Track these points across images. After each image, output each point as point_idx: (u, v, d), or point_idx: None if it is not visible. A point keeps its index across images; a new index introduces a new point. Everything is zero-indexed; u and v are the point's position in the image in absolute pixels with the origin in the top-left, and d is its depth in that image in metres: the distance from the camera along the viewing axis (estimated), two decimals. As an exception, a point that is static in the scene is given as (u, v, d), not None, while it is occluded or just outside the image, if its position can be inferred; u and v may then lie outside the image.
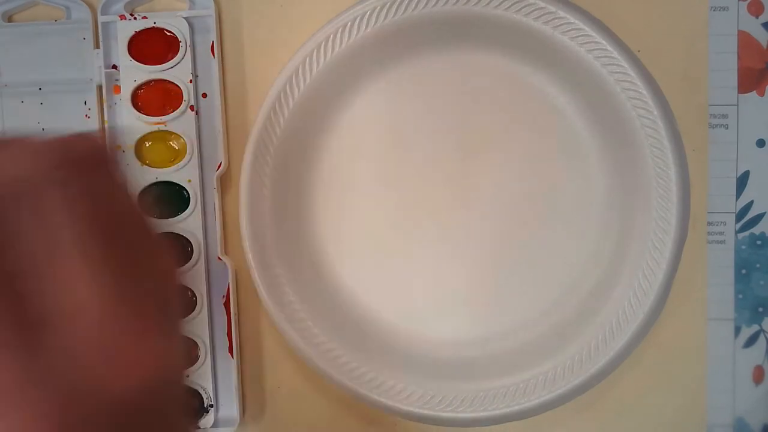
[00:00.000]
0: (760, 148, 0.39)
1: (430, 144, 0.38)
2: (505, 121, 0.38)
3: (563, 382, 0.36)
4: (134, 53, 0.37)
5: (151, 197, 0.38)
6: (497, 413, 0.36)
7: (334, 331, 0.37)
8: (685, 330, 0.39)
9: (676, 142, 0.35)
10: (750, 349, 0.39)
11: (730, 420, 0.39)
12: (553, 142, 0.38)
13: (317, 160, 0.38)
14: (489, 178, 0.38)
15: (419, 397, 0.36)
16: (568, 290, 0.38)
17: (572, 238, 0.38)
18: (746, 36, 0.39)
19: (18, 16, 0.39)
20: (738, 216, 0.39)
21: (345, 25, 0.35)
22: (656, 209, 0.35)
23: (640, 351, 0.37)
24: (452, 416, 0.36)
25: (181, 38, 0.37)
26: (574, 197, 0.38)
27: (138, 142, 0.38)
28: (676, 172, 0.35)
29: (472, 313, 0.38)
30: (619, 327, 0.36)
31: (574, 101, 0.37)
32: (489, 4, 0.35)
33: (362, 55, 0.36)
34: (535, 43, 0.36)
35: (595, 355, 0.36)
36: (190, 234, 0.38)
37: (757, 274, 0.39)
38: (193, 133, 0.38)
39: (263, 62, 0.39)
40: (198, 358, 0.38)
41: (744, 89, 0.39)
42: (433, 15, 0.35)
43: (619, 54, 0.34)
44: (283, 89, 0.36)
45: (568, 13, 0.34)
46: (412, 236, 0.38)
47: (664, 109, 0.35)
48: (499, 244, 0.38)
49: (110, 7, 0.38)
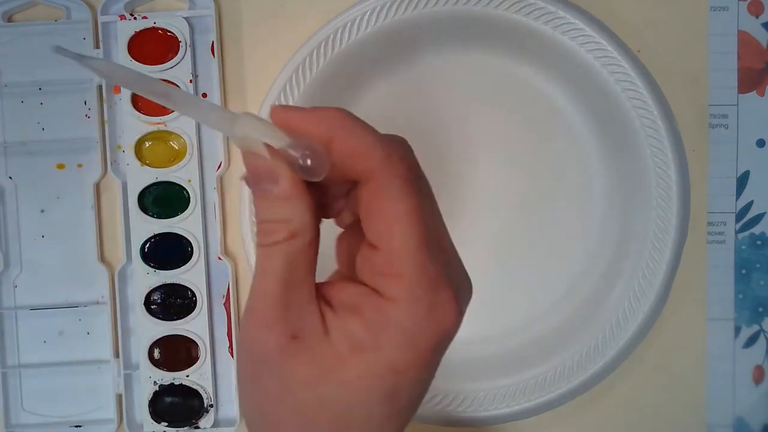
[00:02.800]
0: (760, 148, 0.39)
1: (429, 144, 0.38)
2: (505, 121, 0.38)
3: (563, 382, 0.36)
4: (134, 53, 0.37)
5: (151, 197, 0.38)
6: (497, 413, 0.36)
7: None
8: (685, 330, 0.39)
9: (676, 142, 0.35)
10: (750, 349, 0.39)
11: (730, 420, 0.39)
12: (553, 142, 0.38)
13: (317, 160, 0.38)
14: (489, 177, 0.38)
15: (419, 397, 0.36)
16: (569, 290, 0.38)
17: (572, 238, 0.38)
18: (746, 36, 0.39)
19: (18, 16, 0.39)
20: (738, 216, 0.39)
21: (345, 25, 0.35)
22: (656, 209, 0.35)
23: (640, 351, 0.37)
24: (453, 416, 0.36)
25: (181, 38, 0.37)
26: (574, 197, 0.38)
27: (138, 142, 0.38)
28: (676, 172, 0.35)
29: (472, 313, 0.38)
30: (619, 327, 0.36)
31: (574, 101, 0.37)
32: (489, 4, 0.35)
33: (362, 55, 0.36)
34: (535, 43, 0.36)
35: (595, 355, 0.36)
36: (190, 234, 0.38)
37: (757, 274, 0.39)
38: (193, 133, 0.38)
39: (263, 62, 0.39)
40: (198, 358, 0.38)
41: (744, 89, 0.39)
42: (433, 15, 0.35)
43: (619, 54, 0.34)
44: (283, 89, 0.36)
45: (568, 13, 0.34)
46: (412, 236, 0.38)
47: (664, 109, 0.35)
48: (499, 244, 0.38)
49: (110, 7, 0.38)
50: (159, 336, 0.38)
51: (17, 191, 0.39)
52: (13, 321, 0.39)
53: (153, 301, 0.38)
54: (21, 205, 0.39)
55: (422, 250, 0.21)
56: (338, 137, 0.21)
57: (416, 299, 0.21)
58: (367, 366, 0.21)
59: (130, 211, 0.38)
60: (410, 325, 0.21)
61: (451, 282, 0.22)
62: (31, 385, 0.39)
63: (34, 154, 0.39)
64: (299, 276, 0.22)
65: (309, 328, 0.21)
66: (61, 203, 0.39)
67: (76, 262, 0.39)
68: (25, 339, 0.39)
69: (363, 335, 0.21)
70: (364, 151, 0.21)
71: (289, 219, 0.21)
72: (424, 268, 0.21)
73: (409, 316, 0.21)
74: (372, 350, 0.21)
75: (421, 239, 0.21)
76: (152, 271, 0.38)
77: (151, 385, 0.38)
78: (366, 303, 0.21)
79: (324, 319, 0.22)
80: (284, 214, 0.21)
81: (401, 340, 0.21)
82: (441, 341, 0.22)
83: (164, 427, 0.38)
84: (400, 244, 0.21)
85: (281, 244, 0.21)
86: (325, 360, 0.21)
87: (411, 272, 0.21)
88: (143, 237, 0.38)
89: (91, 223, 0.39)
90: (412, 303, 0.21)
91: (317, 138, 0.21)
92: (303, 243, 0.21)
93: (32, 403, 0.39)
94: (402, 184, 0.21)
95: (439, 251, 0.22)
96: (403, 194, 0.21)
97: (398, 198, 0.21)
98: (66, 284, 0.39)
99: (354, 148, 0.21)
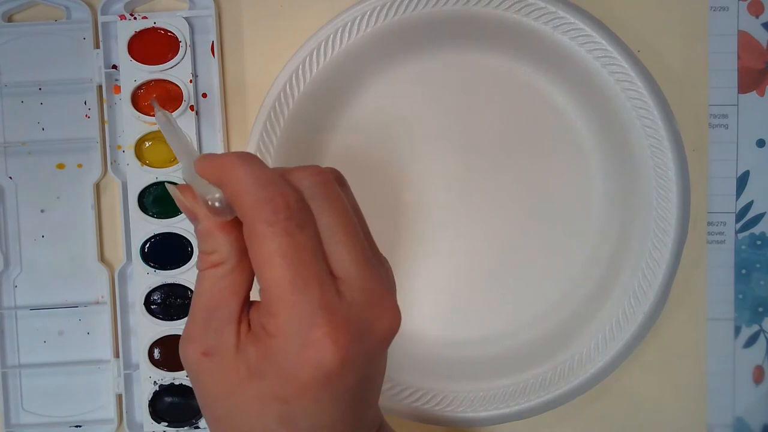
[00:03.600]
0: (760, 148, 0.39)
1: (430, 144, 0.38)
2: (505, 121, 0.38)
3: (563, 382, 0.36)
4: (134, 53, 0.37)
5: (151, 197, 0.38)
6: (497, 413, 0.36)
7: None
8: (685, 330, 0.39)
9: (676, 142, 0.35)
10: (750, 349, 0.39)
11: (730, 420, 0.39)
12: (553, 142, 0.38)
13: (317, 160, 0.38)
14: (489, 178, 0.38)
15: (419, 397, 0.36)
16: (568, 290, 0.38)
17: (572, 238, 0.38)
18: (746, 36, 0.39)
19: (18, 16, 0.39)
20: (738, 216, 0.39)
21: (345, 25, 0.35)
22: (656, 209, 0.35)
23: (639, 351, 0.37)
24: (452, 416, 0.36)
25: (181, 38, 0.37)
26: (574, 197, 0.38)
27: (138, 142, 0.38)
28: (676, 172, 0.35)
29: (472, 313, 0.38)
30: (619, 327, 0.36)
31: (574, 101, 0.37)
32: (489, 4, 0.35)
33: (362, 55, 0.36)
34: (535, 43, 0.36)
35: (595, 355, 0.36)
36: (190, 234, 0.38)
37: (757, 274, 0.39)
38: (193, 133, 0.38)
39: (263, 62, 0.39)
40: (198, 358, 0.38)
41: (744, 89, 0.39)
42: (433, 15, 0.35)
43: (619, 54, 0.34)
44: (283, 89, 0.36)
45: (568, 13, 0.34)
46: (411, 236, 0.38)
47: (664, 109, 0.35)
48: (498, 244, 0.38)
49: (110, 7, 0.38)
50: (159, 336, 0.38)
51: (17, 191, 0.39)
52: (13, 321, 0.39)
53: (153, 301, 0.38)
54: (21, 205, 0.39)
55: (291, 290, 0.22)
56: (224, 184, 0.23)
57: (289, 338, 0.22)
58: (258, 391, 0.23)
59: (130, 211, 0.38)
60: (285, 362, 0.22)
61: (333, 317, 0.22)
62: (31, 385, 0.39)
63: (34, 154, 0.39)
64: (222, 298, 0.24)
65: (222, 346, 0.23)
66: (61, 203, 0.39)
67: (76, 262, 0.39)
68: (25, 339, 0.39)
69: (255, 362, 0.23)
70: (236, 196, 0.23)
71: (213, 250, 0.24)
72: (294, 308, 0.22)
73: (283, 353, 0.22)
74: (260, 378, 0.23)
75: (290, 280, 0.22)
76: (152, 271, 0.38)
77: (151, 385, 0.38)
78: (261, 333, 0.23)
79: (239, 339, 0.24)
80: (209, 246, 0.24)
81: (281, 373, 0.22)
82: (319, 377, 0.22)
83: (164, 427, 0.38)
84: (269, 285, 0.22)
85: (207, 270, 0.24)
86: (231, 377, 0.23)
87: (283, 312, 0.22)
88: (143, 237, 0.38)
89: (91, 223, 0.39)
90: (285, 341, 0.22)
91: (214, 183, 0.24)
92: (225, 270, 0.24)
93: (32, 403, 0.39)
94: (264, 228, 0.22)
95: (319, 286, 0.22)
96: (266, 238, 0.22)
97: (261, 242, 0.22)
98: (66, 284, 0.39)
99: (231, 194, 0.23)
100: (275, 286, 0.22)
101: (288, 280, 0.22)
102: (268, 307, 0.23)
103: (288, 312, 0.22)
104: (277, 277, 0.22)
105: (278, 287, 0.22)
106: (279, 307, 0.22)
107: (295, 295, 0.22)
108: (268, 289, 0.22)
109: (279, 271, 0.22)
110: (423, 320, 0.38)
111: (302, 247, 0.22)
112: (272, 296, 0.22)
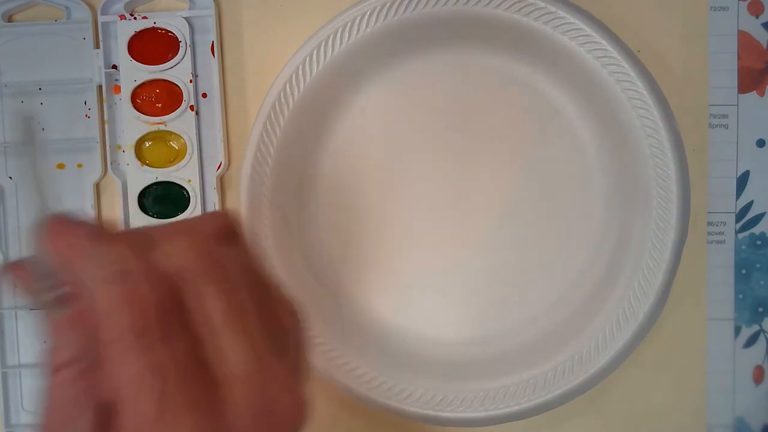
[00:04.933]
0: (760, 148, 0.39)
1: (430, 144, 0.38)
2: (505, 121, 0.38)
3: (563, 382, 0.36)
4: (134, 53, 0.37)
5: (151, 197, 0.38)
6: (497, 413, 0.36)
7: (334, 332, 0.37)
8: (685, 330, 0.39)
9: (676, 142, 0.35)
10: (750, 349, 0.39)
11: (730, 420, 0.39)
12: (553, 142, 0.38)
13: (317, 159, 0.38)
14: (489, 178, 0.38)
15: (420, 397, 0.36)
16: (568, 290, 0.38)
17: (572, 238, 0.38)
18: (746, 36, 0.39)
19: (18, 16, 0.39)
20: (738, 216, 0.39)
21: (345, 25, 0.35)
22: (656, 209, 0.35)
23: (639, 351, 0.37)
24: (453, 416, 0.36)
25: (181, 38, 0.37)
26: (574, 197, 0.38)
27: (138, 142, 0.38)
28: (676, 172, 0.35)
29: (472, 313, 0.38)
30: (619, 327, 0.36)
31: (574, 101, 0.37)
32: (489, 4, 0.35)
33: (362, 55, 0.36)
34: (535, 43, 0.36)
35: (595, 355, 0.36)
36: (190, 234, 0.38)
37: (757, 274, 0.39)
38: (193, 133, 0.38)
39: (263, 62, 0.39)
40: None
41: (744, 89, 0.39)
42: (433, 15, 0.35)
43: (619, 54, 0.34)
44: (283, 89, 0.36)
45: (568, 13, 0.34)
46: (412, 236, 0.38)
47: (664, 109, 0.35)
48: (499, 244, 0.38)
49: (110, 7, 0.38)
50: (159, 336, 0.38)
51: (17, 191, 0.39)
52: (13, 321, 0.39)
53: (153, 301, 0.38)
54: (21, 205, 0.39)
55: (160, 428, 0.19)
56: (68, 269, 0.21)
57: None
58: None
59: (130, 211, 0.38)
60: None
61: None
62: (31, 385, 0.39)
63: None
64: (74, 407, 0.20)
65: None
66: (61, 203, 0.39)
67: (76, 262, 0.39)
68: (25, 339, 0.39)
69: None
70: (81, 294, 0.20)
71: (59, 346, 0.21)
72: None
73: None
74: None
75: (155, 417, 0.19)
76: (152, 271, 0.38)
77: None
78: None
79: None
80: (54, 341, 0.21)
81: None
82: None
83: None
84: (132, 417, 0.19)
85: (54, 374, 0.21)
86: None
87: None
88: (143, 237, 0.37)
89: (91, 223, 0.39)
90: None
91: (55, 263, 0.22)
92: (75, 372, 0.21)
93: (32, 403, 0.39)
94: (117, 346, 0.19)
95: (191, 414, 0.19)
96: (121, 363, 0.19)
97: (114, 365, 0.19)
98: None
99: (75, 286, 0.21)
100: (140, 419, 0.19)
101: (152, 418, 0.19)
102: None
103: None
104: (141, 410, 0.19)
105: (144, 422, 0.19)
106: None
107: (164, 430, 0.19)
108: (131, 421, 0.19)
109: (142, 404, 0.19)
110: (422, 320, 0.38)
111: (166, 367, 0.19)
112: (138, 428, 0.19)
